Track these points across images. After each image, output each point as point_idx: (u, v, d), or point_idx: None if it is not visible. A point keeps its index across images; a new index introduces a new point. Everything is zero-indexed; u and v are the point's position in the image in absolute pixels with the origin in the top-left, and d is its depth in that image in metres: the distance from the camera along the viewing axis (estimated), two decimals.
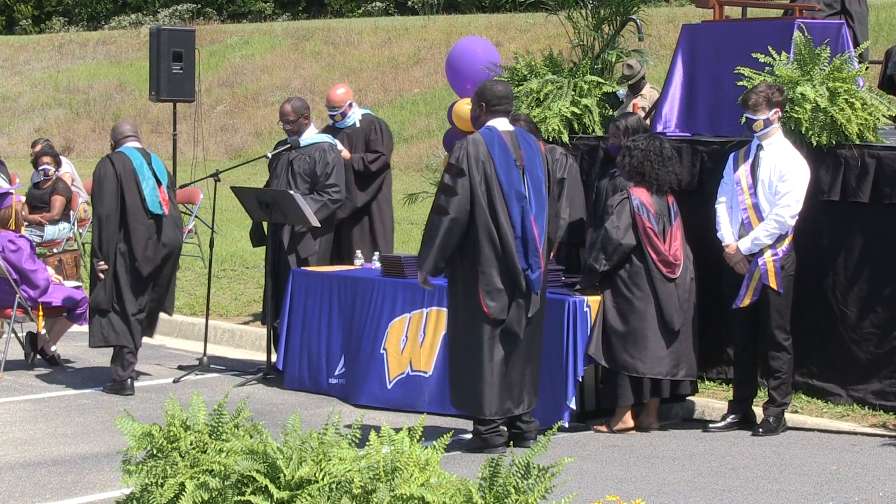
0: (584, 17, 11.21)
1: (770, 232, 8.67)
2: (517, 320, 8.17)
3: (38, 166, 15.11)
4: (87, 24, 42.34)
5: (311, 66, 31.55)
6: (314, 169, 10.57)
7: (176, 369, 11.04)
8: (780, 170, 8.68)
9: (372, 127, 11.61)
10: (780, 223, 8.66)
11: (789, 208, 8.64)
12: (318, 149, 10.64)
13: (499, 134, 8.26)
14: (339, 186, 10.61)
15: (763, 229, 8.68)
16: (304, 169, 10.59)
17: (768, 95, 8.70)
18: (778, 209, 8.65)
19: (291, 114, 10.73)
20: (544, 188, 8.29)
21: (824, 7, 11.15)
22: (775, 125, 8.78)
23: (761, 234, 8.69)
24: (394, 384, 9.49)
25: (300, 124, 10.71)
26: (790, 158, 8.73)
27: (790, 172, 8.67)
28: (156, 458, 5.14)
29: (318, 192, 10.54)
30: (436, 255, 8.14)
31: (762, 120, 8.71)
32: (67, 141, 30.12)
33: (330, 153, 10.63)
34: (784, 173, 8.67)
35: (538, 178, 8.27)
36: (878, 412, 8.97)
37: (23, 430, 8.96)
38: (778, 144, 8.78)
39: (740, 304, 8.76)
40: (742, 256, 8.77)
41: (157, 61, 15.94)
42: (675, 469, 7.91)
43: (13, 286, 10.65)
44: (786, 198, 8.64)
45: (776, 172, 8.69)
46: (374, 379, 9.58)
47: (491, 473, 4.78)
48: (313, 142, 10.70)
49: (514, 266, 8.11)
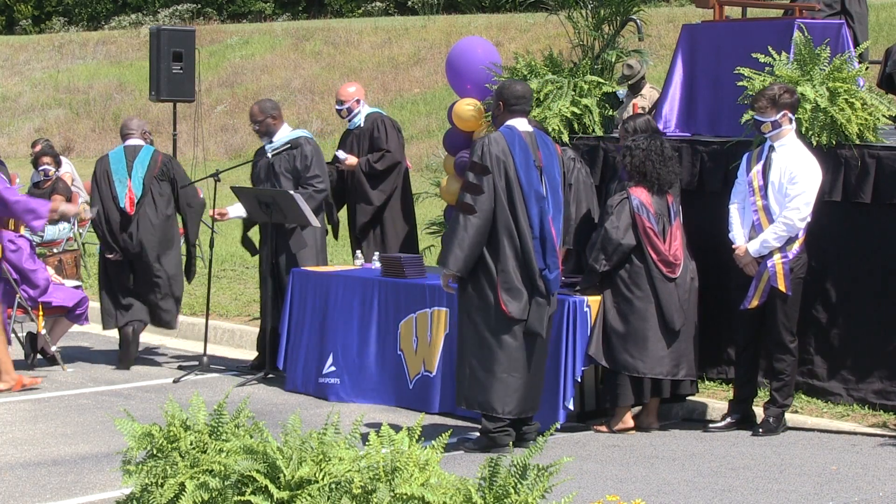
0: (584, 17, 11.21)
1: (779, 234, 8.65)
2: (539, 320, 8.17)
3: (39, 166, 15.11)
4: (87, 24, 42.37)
5: (311, 66, 31.57)
6: (294, 165, 10.57)
7: (176, 369, 11.05)
8: (791, 172, 8.63)
9: (375, 125, 11.58)
10: (788, 226, 8.63)
11: (798, 211, 8.60)
12: (294, 144, 10.64)
13: (519, 134, 8.27)
14: (321, 177, 10.62)
15: (772, 232, 8.66)
16: (286, 167, 10.59)
17: (774, 97, 8.66)
18: (787, 212, 8.62)
19: (259, 114, 10.69)
20: (561, 190, 8.32)
21: (824, 7, 11.15)
22: (786, 127, 8.70)
23: (770, 237, 8.67)
24: (414, 383, 9.50)
25: (268, 125, 10.68)
26: (801, 161, 8.68)
27: (800, 175, 8.62)
28: (156, 458, 5.14)
29: (302, 185, 10.54)
30: (467, 254, 8.12)
31: (769, 122, 8.67)
32: (67, 141, 30.15)
33: (306, 146, 10.62)
34: (794, 175, 8.62)
35: (555, 179, 8.29)
36: (878, 412, 8.97)
37: (23, 430, 8.96)
38: (790, 146, 8.72)
39: (748, 305, 8.74)
40: (751, 258, 8.74)
41: (157, 61, 15.96)
42: (675, 469, 7.91)
43: (13, 286, 10.65)
44: (795, 200, 8.61)
45: (786, 174, 8.64)
46: (396, 379, 9.58)
47: (490, 473, 4.78)
48: (288, 139, 10.69)
49: (532, 266, 8.12)
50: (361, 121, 11.60)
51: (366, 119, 11.63)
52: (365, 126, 11.59)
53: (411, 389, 9.52)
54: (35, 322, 10.81)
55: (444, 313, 9.29)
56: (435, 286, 9.19)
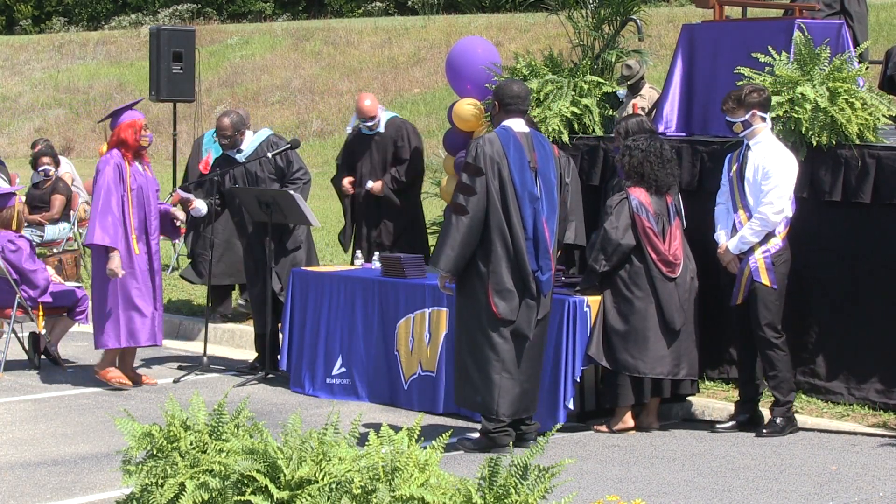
0: (584, 17, 11.21)
1: (755, 230, 8.69)
2: (526, 322, 8.18)
3: (38, 167, 15.11)
4: (87, 24, 42.35)
5: (311, 66, 31.56)
6: (277, 165, 10.56)
7: (176, 369, 11.05)
8: (764, 167, 8.69)
9: (399, 133, 11.50)
10: (763, 221, 8.66)
11: (772, 205, 8.64)
12: (265, 145, 10.60)
13: (514, 135, 8.27)
14: (303, 168, 10.67)
15: (749, 228, 8.71)
16: (269, 171, 10.55)
17: (740, 97, 8.73)
18: (762, 207, 8.67)
19: (229, 128, 10.59)
20: (556, 191, 8.31)
21: (824, 7, 11.15)
22: (759, 125, 8.75)
23: (747, 234, 8.72)
24: (409, 384, 9.51)
25: (236, 139, 10.63)
26: (774, 156, 8.73)
27: (773, 170, 8.67)
28: (156, 458, 5.14)
29: (289, 182, 10.53)
30: (458, 255, 8.12)
31: (740, 122, 8.75)
32: (67, 141, 30.13)
33: (278, 144, 10.59)
34: (768, 170, 8.68)
35: (550, 181, 8.28)
36: (878, 412, 8.97)
37: (23, 430, 8.96)
38: (764, 143, 8.78)
39: (735, 302, 8.80)
40: (733, 256, 8.79)
41: (157, 61, 15.94)
42: (675, 469, 7.91)
43: (13, 286, 10.65)
44: (769, 195, 8.65)
45: (760, 171, 8.71)
46: (392, 380, 9.60)
47: (490, 473, 4.78)
48: (256, 144, 10.65)
49: (524, 267, 8.12)
50: (383, 127, 11.53)
51: (388, 124, 11.58)
52: (388, 132, 11.51)
53: (406, 390, 9.52)
54: (35, 322, 10.81)
55: (443, 313, 9.30)
56: (435, 286, 9.19)
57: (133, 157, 10.20)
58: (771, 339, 8.71)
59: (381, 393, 9.69)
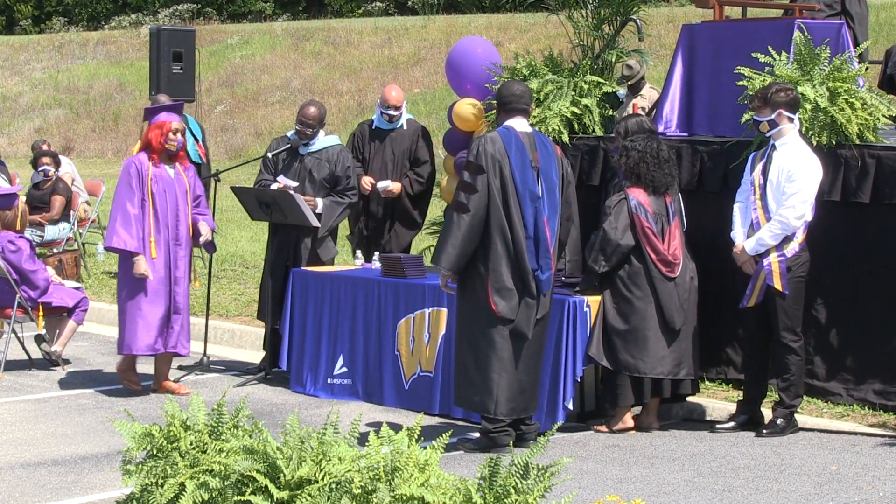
0: (584, 17, 11.21)
1: (774, 233, 8.63)
2: (526, 321, 8.18)
3: (38, 167, 15.11)
4: (87, 24, 42.39)
5: (311, 66, 31.57)
6: (334, 172, 10.48)
7: (176, 369, 11.04)
8: (789, 170, 8.59)
9: (419, 135, 11.34)
10: (783, 224, 8.60)
11: (794, 209, 8.57)
12: (333, 152, 10.54)
13: (516, 134, 8.27)
14: (356, 189, 10.63)
15: (767, 230, 8.64)
16: (324, 175, 10.49)
17: (766, 96, 8.64)
18: (783, 210, 8.58)
19: (315, 119, 10.50)
20: (558, 191, 8.31)
21: (824, 7, 11.15)
22: (786, 125, 8.65)
23: (765, 235, 8.65)
24: (410, 384, 9.51)
25: (317, 131, 10.56)
26: (800, 159, 8.63)
27: (798, 173, 8.58)
28: (156, 458, 5.14)
29: (339, 194, 10.49)
30: (458, 253, 8.12)
31: (766, 121, 8.66)
32: (67, 141, 30.16)
33: (347, 155, 10.56)
34: (792, 173, 8.58)
35: (552, 180, 8.28)
36: (878, 412, 8.97)
37: (23, 430, 8.96)
38: (791, 145, 8.67)
39: (746, 304, 8.73)
40: (748, 257, 8.72)
41: (157, 61, 15.95)
42: (675, 469, 7.91)
43: (13, 286, 10.66)
44: (792, 199, 8.58)
45: (784, 173, 8.60)
46: (394, 380, 9.60)
47: (490, 473, 4.78)
48: (326, 146, 10.58)
49: (524, 266, 8.12)
50: (404, 123, 11.42)
51: (407, 123, 11.46)
52: (408, 131, 11.33)
53: (407, 390, 9.53)
54: (35, 322, 10.81)
55: (442, 313, 9.30)
56: (434, 286, 9.19)
57: (160, 159, 9.89)
58: (789, 344, 8.65)
59: (382, 393, 9.70)
